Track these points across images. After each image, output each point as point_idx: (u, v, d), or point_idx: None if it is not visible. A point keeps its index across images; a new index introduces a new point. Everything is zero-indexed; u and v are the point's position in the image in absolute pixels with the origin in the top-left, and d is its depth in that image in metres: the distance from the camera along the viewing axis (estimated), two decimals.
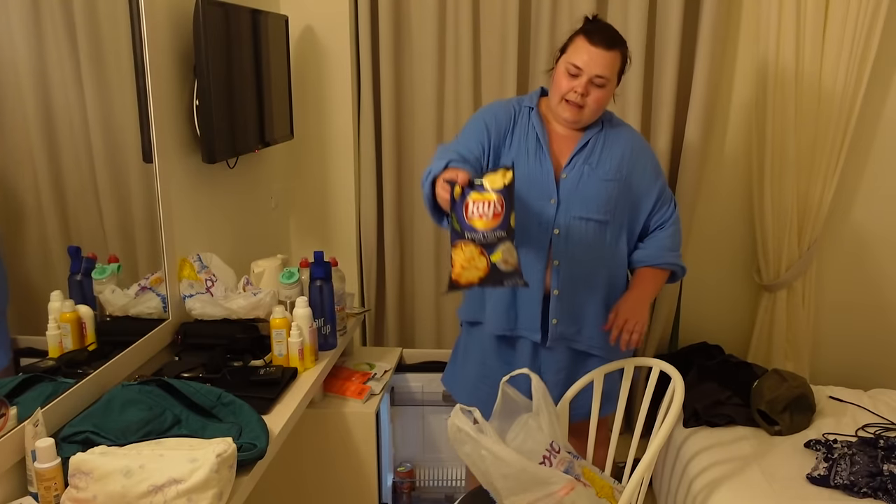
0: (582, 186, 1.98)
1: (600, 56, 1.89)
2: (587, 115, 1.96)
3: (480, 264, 1.63)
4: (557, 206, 1.98)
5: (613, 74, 1.93)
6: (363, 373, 2.45)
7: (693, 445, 2.31)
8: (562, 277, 2.01)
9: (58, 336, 1.59)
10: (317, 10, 2.79)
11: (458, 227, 1.64)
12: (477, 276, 1.63)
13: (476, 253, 1.62)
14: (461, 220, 1.64)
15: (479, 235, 1.62)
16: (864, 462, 2.05)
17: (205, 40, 2.04)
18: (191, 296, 2.03)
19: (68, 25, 1.63)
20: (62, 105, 1.60)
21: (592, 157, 2.00)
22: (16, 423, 1.39)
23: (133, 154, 1.89)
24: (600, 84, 1.91)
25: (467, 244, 1.63)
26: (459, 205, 1.64)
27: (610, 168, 2.00)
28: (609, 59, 1.90)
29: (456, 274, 1.64)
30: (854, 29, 2.53)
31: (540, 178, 1.98)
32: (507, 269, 1.63)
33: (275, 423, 1.66)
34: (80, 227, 1.68)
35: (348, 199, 2.96)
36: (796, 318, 2.84)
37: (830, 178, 2.68)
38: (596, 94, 1.92)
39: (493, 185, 1.63)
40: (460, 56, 2.77)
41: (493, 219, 1.62)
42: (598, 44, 1.89)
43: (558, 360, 2.11)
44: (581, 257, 2.00)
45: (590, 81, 1.91)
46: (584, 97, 1.92)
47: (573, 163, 1.99)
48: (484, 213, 1.62)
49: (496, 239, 1.62)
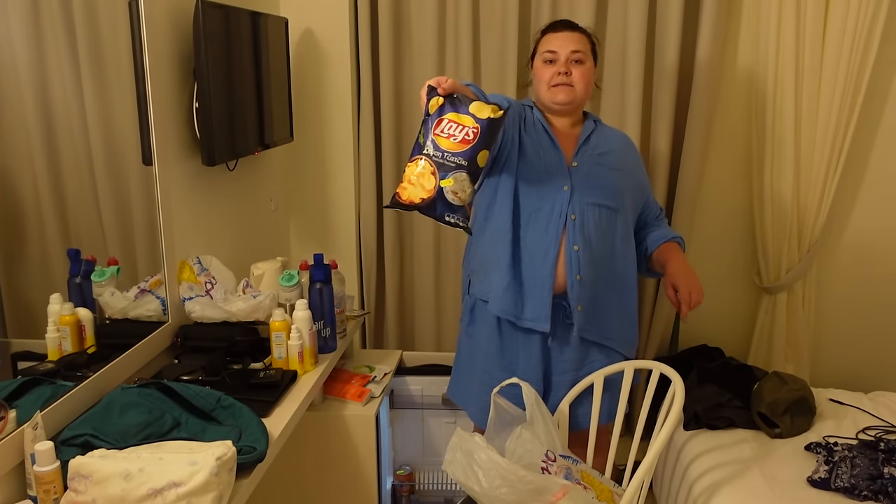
0: (593, 174, 2.04)
1: (568, 37, 2.02)
2: (579, 92, 2.03)
3: (428, 185, 1.52)
4: (571, 193, 2.00)
5: (588, 51, 2.04)
6: (363, 375, 2.44)
7: (693, 448, 2.31)
8: (583, 262, 2.01)
9: (57, 339, 1.59)
10: (317, 13, 2.79)
11: (422, 140, 1.55)
12: (419, 197, 1.53)
13: (428, 171, 1.53)
14: (427, 133, 1.55)
15: (438, 154, 1.53)
16: (865, 465, 2.05)
17: (204, 43, 2.04)
18: (190, 298, 2.03)
19: (68, 28, 1.63)
20: (62, 108, 1.60)
21: (599, 149, 2.07)
22: (15, 426, 1.38)
23: (133, 156, 1.89)
24: (579, 59, 2.01)
25: (422, 160, 1.54)
26: (433, 118, 1.55)
27: (615, 159, 2.08)
28: (577, 37, 2.03)
29: (401, 187, 1.55)
30: (854, 31, 2.53)
31: (554, 165, 2.02)
32: (453, 200, 1.53)
33: (274, 426, 1.65)
34: (79, 229, 1.68)
35: (348, 201, 2.96)
36: (796, 320, 2.83)
37: (830, 180, 2.68)
38: (579, 70, 2.02)
39: (476, 113, 1.55)
40: (460, 58, 2.77)
41: (461, 144, 1.53)
42: (562, 29, 2.05)
43: (568, 358, 2.09)
44: (597, 244, 2.02)
45: (568, 60, 2.00)
46: (569, 76, 2.01)
47: (581, 152, 2.05)
48: (453, 134, 1.54)
49: (453, 165, 1.54)
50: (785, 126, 2.64)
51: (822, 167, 2.66)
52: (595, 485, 1.88)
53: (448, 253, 2.96)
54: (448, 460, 1.80)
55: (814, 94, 2.62)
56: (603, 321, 2.08)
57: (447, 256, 2.97)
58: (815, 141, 2.65)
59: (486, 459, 1.73)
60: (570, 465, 1.86)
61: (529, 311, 2.04)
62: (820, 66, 2.60)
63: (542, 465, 1.82)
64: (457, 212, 1.54)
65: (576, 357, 2.10)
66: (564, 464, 1.85)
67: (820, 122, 2.63)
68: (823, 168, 2.66)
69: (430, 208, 1.54)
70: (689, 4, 2.62)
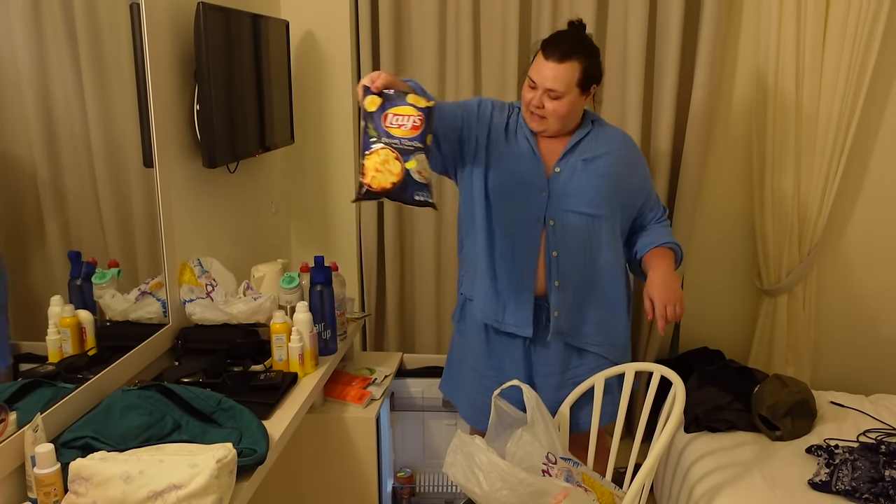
0: (574, 181, 2.00)
1: (552, 69, 1.91)
2: (550, 124, 1.98)
3: (395, 169, 1.61)
4: (549, 199, 2.00)
5: (568, 86, 1.92)
6: (363, 378, 2.44)
7: (694, 451, 2.30)
8: (561, 269, 2.02)
9: (58, 341, 1.59)
10: (317, 15, 2.79)
11: (375, 133, 1.63)
12: (390, 182, 1.61)
13: (392, 157, 1.61)
14: (378, 127, 1.63)
15: (396, 141, 1.62)
16: (866, 468, 2.05)
17: (205, 45, 2.05)
18: (191, 300, 2.03)
19: (69, 31, 1.63)
20: (63, 109, 1.60)
21: (588, 153, 2.02)
22: (15, 428, 1.38)
23: (133, 159, 1.89)
24: (555, 97, 1.93)
25: (383, 149, 1.62)
26: (377, 115, 1.64)
27: (604, 164, 2.02)
28: (561, 71, 1.90)
29: (369, 178, 1.61)
30: (854, 32, 2.53)
31: (531, 169, 2.00)
32: (420, 179, 1.62)
33: (275, 429, 1.65)
34: (80, 231, 1.68)
35: (348, 203, 2.96)
36: (797, 322, 2.83)
37: (831, 182, 2.68)
38: (553, 106, 1.94)
39: (415, 103, 1.65)
40: (461, 61, 2.77)
41: (412, 130, 1.63)
42: (550, 56, 1.92)
43: (550, 362, 2.11)
44: (576, 250, 2.02)
45: (545, 94, 1.94)
46: (542, 108, 1.96)
47: (566, 158, 2.02)
48: (403, 124, 1.63)
49: (413, 147, 1.63)
50: (786, 127, 2.64)
51: (823, 169, 2.66)
52: (596, 487, 1.88)
53: (448, 255, 2.96)
54: (449, 463, 1.80)
55: (814, 96, 2.62)
56: (583, 326, 2.09)
57: (448, 258, 2.97)
58: (815, 143, 2.65)
59: (487, 462, 1.72)
60: (570, 467, 1.86)
61: (511, 317, 2.07)
62: (821, 67, 2.60)
63: (542, 468, 1.82)
64: (424, 189, 1.63)
65: (559, 360, 2.12)
66: (565, 466, 1.85)
67: (820, 123, 2.63)
68: (824, 170, 2.66)
69: (401, 190, 1.61)
70: (689, 5, 2.62)
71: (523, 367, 2.12)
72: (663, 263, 2.04)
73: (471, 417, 2.24)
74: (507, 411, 1.97)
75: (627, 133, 2.20)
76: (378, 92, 1.66)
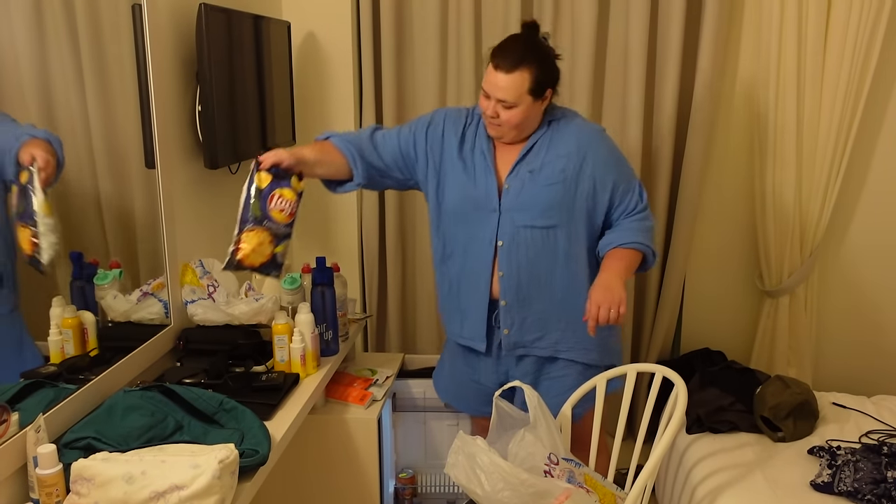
0: (524, 194, 1.98)
1: (501, 80, 1.88)
2: (505, 131, 1.97)
3: (266, 251, 1.79)
4: (499, 217, 2.00)
5: (519, 96, 1.89)
6: (365, 379, 2.44)
7: (696, 452, 2.30)
8: (507, 287, 2.03)
9: (59, 342, 1.59)
10: (319, 16, 2.79)
11: (259, 213, 1.78)
12: (259, 262, 1.79)
13: (267, 241, 1.79)
14: (264, 207, 1.79)
15: (276, 226, 1.80)
16: (868, 469, 2.04)
17: (207, 46, 2.05)
18: (193, 301, 2.03)
19: (71, 32, 1.63)
20: (65, 111, 1.61)
21: (535, 163, 1.99)
22: (17, 429, 1.38)
23: (135, 160, 1.89)
24: (507, 107, 1.91)
25: (262, 231, 1.78)
26: (266, 193, 1.79)
27: (553, 171, 1.98)
28: (510, 81, 1.87)
29: (244, 254, 1.78)
30: (855, 36, 2.52)
31: (484, 190, 2.01)
32: (281, 261, 1.83)
33: (277, 430, 1.65)
34: (82, 232, 1.68)
35: (350, 204, 2.96)
36: (799, 323, 2.83)
37: (832, 184, 2.68)
38: (506, 115, 1.92)
39: (295, 186, 1.83)
40: (462, 62, 2.77)
41: (288, 217, 1.82)
42: (499, 67, 1.88)
43: (523, 370, 2.13)
44: (530, 266, 2.01)
45: (498, 104, 1.92)
46: (497, 118, 1.94)
47: (515, 171, 2.00)
48: (283, 208, 1.80)
49: (283, 234, 1.82)
50: (787, 130, 2.64)
51: (824, 171, 2.66)
52: (598, 488, 1.88)
53: None
54: (450, 463, 1.79)
55: (815, 99, 2.61)
56: (548, 335, 2.09)
57: None
58: (816, 145, 2.65)
59: (489, 462, 1.72)
60: (572, 468, 1.86)
61: (467, 331, 2.13)
62: (822, 70, 2.59)
63: (544, 468, 1.82)
64: (279, 268, 1.85)
65: (531, 367, 2.14)
66: (567, 467, 1.85)
67: (822, 125, 2.63)
68: (825, 172, 2.66)
69: (263, 269, 1.81)
70: (690, 11, 2.62)
71: (495, 374, 2.17)
72: (612, 266, 1.98)
73: (449, 401, 2.39)
74: (509, 412, 1.97)
75: (594, 125, 2.11)
76: (268, 169, 1.81)
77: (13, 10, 1.45)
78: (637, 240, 2.02)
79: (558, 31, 2.71)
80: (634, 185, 2.08)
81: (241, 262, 1.78)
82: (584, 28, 2.65)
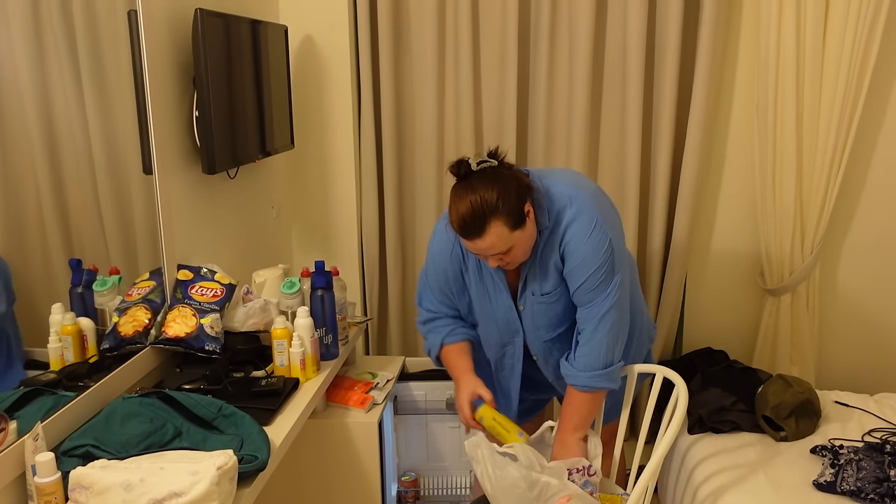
0: (537, 316, 1.95)
1: (481, 244, 1.75)
2: (520, 262, 1.86)
3: (191, 322, 1.92)
4: (524, 337, 2.01)
5: (507, 241, 1.75)
6: (366, 382, 2.44)
7: (698, 452, 2.30)
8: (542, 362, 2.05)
9: (59, 349, 1.59)
10: (316, 20, 2.79)
11: (179, 295, 1.99)
12: (184, 332, 1.90)
13: (189, 314, 1.93)
14: (185, 294, 1.99)
15: (195, 303, 1.97)
16: (871, 468, 2.04)
17: (204, 51, 2.05)
18: None
19: (69, 39, 1.63)
20: (63, 118, 1.61)
21: (534, 285, 1.91)
22: (16, 437, 1.38)
23: (133, 166, 1.89)
24: (504, 252, 1.78)
25: (186, 307, 1.94)
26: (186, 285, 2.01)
27: (551, 284, 1.89)
28: (489, 241, 1.73)
29: (167, 326, 1.92)
30: (854, 34, 2.51)
31: (504, 315, 1.98)
32: (210, 332, 1.93)
33: (276, 435, 1.65)
34: (81, 239, 1.68)
35: (349, 207, 2.96)
36: (801, 322, 2.82)
37: (833, 182, 2.67)
38: (510, 257, 1.80)
39: (221, 280, 2.05)
40: (460, 64, 2.77)
41: (212, 297, 2.00)
42: (471, 239, 1.75)
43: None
44: (557, 352, 2.01)
45: (494, 257, 1.80)
46: (507, 263, 1.84)
47: (522, 295, 1.95)
48: (205, 294, 2.00)
49: (208, 309, 1.96)
50: (787, 128, 2.63)
51: (825, 168, 2.65)
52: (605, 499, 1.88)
53: None
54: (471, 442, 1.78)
55: (815, 96, 2.61)
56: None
57: None
58: (817, 142, 2.64)
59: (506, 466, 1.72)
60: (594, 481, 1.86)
61: (501, 399, 2.14)
62: (821, 68, 2.59)
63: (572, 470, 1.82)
64: (214, 342, 1.92)
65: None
66: (590, 479, 1.85)
67: (822, 123, 2.62)
68: (826, 169, 2.65)
69: (194, 340, 1.89)
70: (688, 10, 2.62)
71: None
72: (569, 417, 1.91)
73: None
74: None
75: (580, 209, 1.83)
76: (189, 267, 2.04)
77: (11, 18, 1.45)
78: (583, 383, 1.89)
79: (555, 31, 2.71)
80: (600, 297, 1.85)
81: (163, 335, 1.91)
82: (581, 28, 2.65)
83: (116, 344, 1.76)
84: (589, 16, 2.64)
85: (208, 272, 2.05)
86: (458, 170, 1.76)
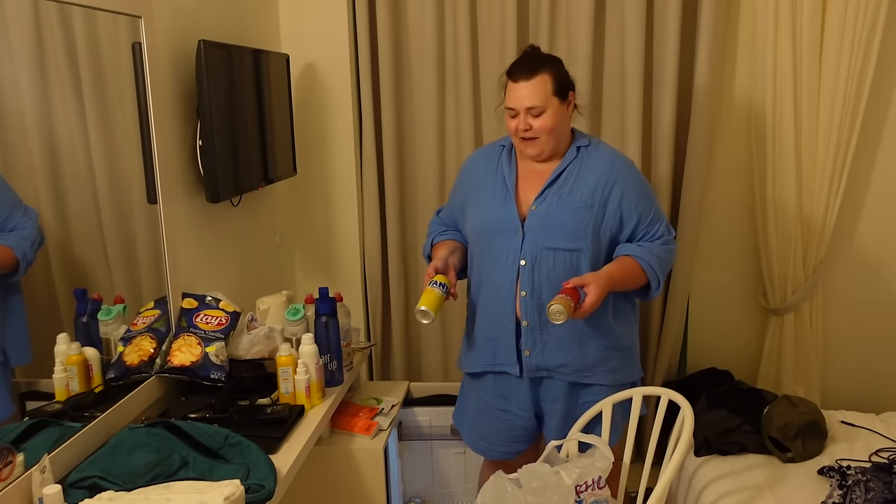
0: (550, 217, 1.99)
1: (524, 89, 1.94)
2: (544, 143, 1.99)
3: (196, 351, 1.93)
4: (523, 238, 2.00)
5: (546, 98, 1.95)
6: (370, 408, 2.43)
7: (705, 475, 2.28)
8: (529, 308, 2.02)
9: (64, 379, 1.59)
10: (317, 48, 2.82)
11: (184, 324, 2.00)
12: (189, 360, 1.90)
13: (194, 342, 1.94)
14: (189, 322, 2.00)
15: (200, 332, 1.98)
16: (879, 488, 2.02)
17: (207, 82, 2.07)
18: None
19: (72, 69, 1.65)
20: (67, 149, 1.62)
21: (564, 188, 2.00)
22: (23, 470, 1.38)
23: (138, 195, 1.91)
24: (537, 114, 1.95)
25: (190, 335, 1.96)
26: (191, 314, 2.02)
27: (582, 195, 1.99)
28: (532, 87, 1.94)
29: (172, 355, 1.92)
30: (850, 50, 2.53)
31: (505, 216, 2.02)
32: (215, 360, 1.93)
33: (282, 463, 1.65)
34: (85, 268, 1.69)
35: (352, 233, 2.97)
36: (805, 341, 2.82)
37: (833, 200, 2.68)
38: (539, 123, 1.96)
39: (226, 308, 2.07)
40: (460, 91, 2.80)
41: (217, 326, 2.01)
42: (519, 78, 1.95)
43: (555, 388, 2.09)
44: (552, 287, 1.98)
45: (527, 115, 1.96)
46: (530, 129, 1.97)
47: (544, 195, 2.01)
48: (210, 322, 2.00)
49: (213, 338, 1.97)
50: (785, 146, 2.65)
51: (825, 186, 2.66)
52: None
53: None
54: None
55: (813, 114, 2.62)
56: (569, 363, 2.05)
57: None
58: (816, 158, 2.65)
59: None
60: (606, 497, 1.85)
61: (500, 356, 2.09)
62: (818, 86, 2.60)
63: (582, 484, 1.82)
64: (219, 370, 1.92)
65: (562, 394, 2.10)
66: (602, 495, 1.84)
67: (820, 141, 2.64)
68: (826, 187, 2.66)
69: (199, 368, 1.90)
70: (685, 27, 2.64)
71: (529, 396, 2.11)
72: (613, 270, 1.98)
73: (472, 441, 2.26)
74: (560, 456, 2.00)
75: (624, 156, 2.12)
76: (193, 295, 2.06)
77: (16, 49, 1.47)
78: (648, 260, 2.01)
79: (555, 50, 2.73)
80: (660, 218, 2.10)
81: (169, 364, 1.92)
82: (580, 47, 2.67)
83: (122, 373, 1.76)
84: (587, 36, 2.66)
85: (213, 300, 2.06)
86: (533, 46, 2.07)
